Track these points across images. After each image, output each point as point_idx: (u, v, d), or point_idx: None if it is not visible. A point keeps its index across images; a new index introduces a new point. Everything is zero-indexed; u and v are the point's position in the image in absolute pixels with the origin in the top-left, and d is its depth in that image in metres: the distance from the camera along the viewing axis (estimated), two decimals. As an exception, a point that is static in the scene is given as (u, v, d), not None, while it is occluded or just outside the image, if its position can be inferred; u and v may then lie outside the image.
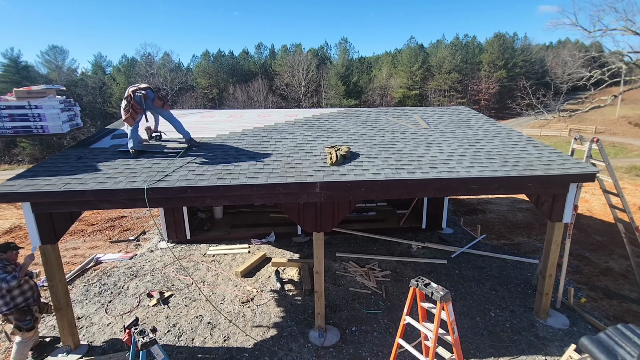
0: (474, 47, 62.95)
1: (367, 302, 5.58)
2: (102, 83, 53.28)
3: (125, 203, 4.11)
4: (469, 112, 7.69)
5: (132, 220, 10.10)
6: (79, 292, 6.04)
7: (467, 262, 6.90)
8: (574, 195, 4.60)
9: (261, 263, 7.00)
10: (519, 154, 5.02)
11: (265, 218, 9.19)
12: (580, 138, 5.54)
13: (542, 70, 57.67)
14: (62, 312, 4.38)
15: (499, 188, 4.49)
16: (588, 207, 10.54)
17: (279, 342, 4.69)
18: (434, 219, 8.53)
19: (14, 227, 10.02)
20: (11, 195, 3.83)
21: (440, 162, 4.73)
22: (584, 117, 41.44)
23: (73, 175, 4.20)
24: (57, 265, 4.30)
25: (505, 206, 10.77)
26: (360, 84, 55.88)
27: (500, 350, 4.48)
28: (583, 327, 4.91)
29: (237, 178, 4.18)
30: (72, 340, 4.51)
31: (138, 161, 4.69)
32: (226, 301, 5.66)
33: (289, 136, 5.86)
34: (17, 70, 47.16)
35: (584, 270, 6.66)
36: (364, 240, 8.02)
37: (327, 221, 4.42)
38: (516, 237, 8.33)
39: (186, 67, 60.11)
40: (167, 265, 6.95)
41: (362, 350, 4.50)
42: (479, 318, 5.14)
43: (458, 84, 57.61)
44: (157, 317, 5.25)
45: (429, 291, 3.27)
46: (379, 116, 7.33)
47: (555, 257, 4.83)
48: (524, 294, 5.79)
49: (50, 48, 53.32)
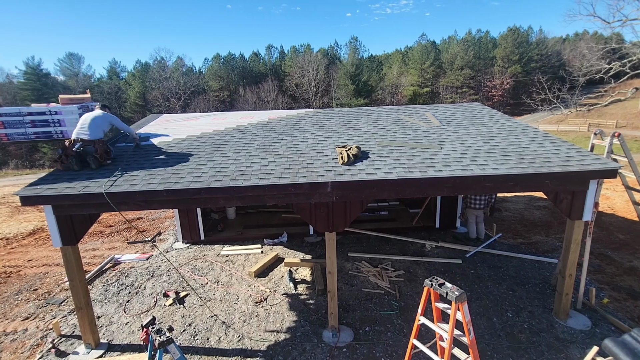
0: (487, 42, 61.67)
1: (381, 302, 5.54)
2: (118, 88, 54.76)
3: (141, 205, 4.21)
4: (483, 109, 7.55)
5: (147, 221, 10.33)
6: (98, 291, 6.22)
7: (483, 262, 6.76)
8: (594, 192, 4.45)
9: (274, 263, 7.04)
10: (536, 151, 4.89)
11: (277, 218, 9.25)
12: (601, 133, 5.35)
13: (558, 63, 55.99)
14: (83, 311, 4.52)
15: (515, 186, 4.38)
16: (610, 204, 10.17)
17: (293, 341, 4.71)
18: (448, 218, 8.40)
19: (37, 229, 10.40)
20: (34, 198, 3.97)
21: (454, 160, 4.66)
22: (604, 111, 40.00)
23: (91, 178, 4.33)
24: (77, 266, 4.43)
25: (522, 204, 10.51)
26: (370, 83, 55.61)
27: (519, 352, 4.37)
28: (606, 329, 4.74)
29: (249, 179, 4.22)
30: (93, 338, 4.65)
31: (153, 163, 4.79)
32: (240, 301, 5.72)
33: (299, 136, 5.88)
34: (38, 77, 48.97)
35: (606, 270, 6.43)
36: (377, 240, 7.97)
37: (339, 221, 4.41)
38: (533, 235, 8.12)
39: (198, 70, 61.13)
40: (182, 266, 7.07)
41: (376, 351, 4.47)
42: (495, 319, 5.03)
43: (471, 80, 56.56)
44: (173, 317, 5.35)
45: (444, 291, 3.22)
46: (390, 114, 7.27)
47: (575, 256, 4.69)
48: (542, 294, 5.63)
49: (67, 55, 55.15)
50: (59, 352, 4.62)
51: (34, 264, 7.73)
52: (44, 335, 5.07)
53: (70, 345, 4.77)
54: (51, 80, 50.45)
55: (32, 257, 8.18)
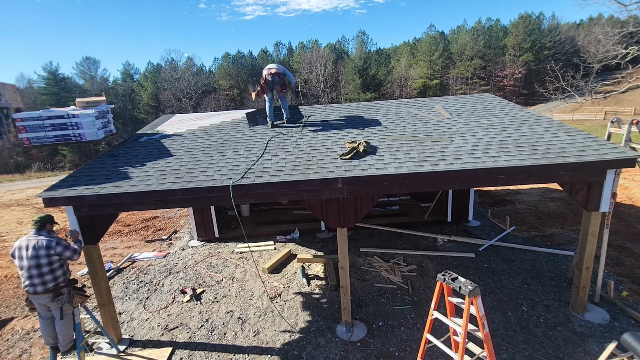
0: (498, 30, 60.15)
1: (393, 297, 5.56)
2: (131, 90, 55.79)
3: (156, 204, 4.33)
4: (494, 99, 7.41)
5: (164, 220, 10.57)
6: (119, 289, 6.43)
7: (496, 255, 6.69)
8: (612, 183, 4.34)
9: (287, 259, 7.13)
10: (550, 141, 4.79)
11: (289, 215, 9.34)
12: (618, 120, 5.19)
13: (572, 50, 54.17)
14: (105, 307, 4.69)
15: (529, 177, 4.31)
16: (628, 195, 9.88)
17: (307, 336, 4.78)
18: (460, 212, 8.33)
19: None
20: (56, 200, 4.13)
21: (465, 152, 4.61)
22: (621, 98, 38.58)
23: (109, 179, 4.47)
24: (99, 264, 4.60)
25: (536, 196, 10.31)
26: (378, 77, 55.06)
27: (534, 346, 4.33)
28: (625, 323, 4.65)
29: (260, 177, 4.29)
30: (115, 334, 4.83)
31: (167, 163, 4.91)
32: (255, 297, 5.83)
33: (309, 132, 5.91)
34: (56, 82, 50.30)
35: (625, 262, 6.28)
36: (388, 234, 7.97)
37: (350, 216, 4.44)
38: (548, 228, 7.97)
39: (208, 69, 61.68)
40: (198, 263, 7.24)
41: (390, 345, 4.50)
42: (510, 313, 4.99)
43: (481, 70, 55.37)
44: (191, 313, 5.50)
45: (457, 285, 3.22)
46: (399, 108, 7.22)
47: (592, 248, 4.60)
48: (558, 287, 5.55)
49: (84, 59, 56.42)
50: (84, 347, 4.81)
51: (56, 263, 8.02)
52: (69, 331, 5.28)
53: (94, 341, 4.96)
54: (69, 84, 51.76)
55: (54, 256, 8.49)
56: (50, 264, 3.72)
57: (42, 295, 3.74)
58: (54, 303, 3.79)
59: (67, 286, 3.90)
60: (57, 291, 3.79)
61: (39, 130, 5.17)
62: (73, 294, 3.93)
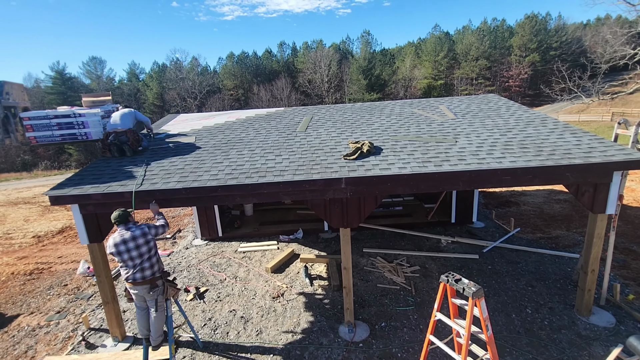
0: (504, 30, 59.66)
1: (396, 298, 5.55)
2: (137, 90, 56.17)
3: (161, 203, 4.35)
4: (499, 100, 7.37)
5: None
6: (123, 287, 6.47)
7: (500, 257, 6.65)
8: (618, 185, 4.29)
9: (290, 259, 7.15)
10: (555, 142, 4.75)
11: (292, 215, 9.35)
12: (625, 122, 5.13)
13: (579, 50, 53.62)
14: (110, 305, 4.74)
15: (534, 179, 4.28)
16: (635, 197, 9.77)
17: (310, 336, 4.78)
18: (464, 213, 8.29)
19: (65, 227, 10.90)
20: (62, 198, 4.18)
21: (469, 153, 4.59)
22: (629, 99, 38.14)
23: (114, 178, 4.51)
24: (103, 263, 4.64)
25: (541, 198, 10.23)
26: (383, 77, 54.86)
27: (539, 349, 4.30)
28: (631, 326, 4.59)
29: (264, 176, 4.30)
30: (119, 332, 4.87)
31: (171, 162, 4.94)
32: (258, 296, 5.85)
33: (313, 133, 5.92)
34: (63, 81, 50.79)
35: (631, 265, 6.21)
36: (391, 235, 7.95)
37: (354, 217, 4.43)
38: (553, 230, 7.90)
39: (212, 69, 61.93)
40: (201, 262, 7.27)
41: (393, 346, 4.49)
42: (514, 315, 4.96)
43: (486, 71, 54.96)
44: (194, 312, 5.53)
45: (460, 287, 3.21)
46: (403, 108, 7.20)
47: (598, 251, 4.55)
48: (563, 290, 5.50)
49: (91, 59, 56.92)
50: (88, 344, 4.86)
51: (63, 261, 8.12)
52: (74, 328, 5.34)
53: (98, 338, 5.01)
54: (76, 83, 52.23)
55: (61, 254, 8.59)
56: (149, 250, 3.86)
57: (140, 285, 3.85)
58: (150, 295, 3.90)
59: (161, 277, 4.01)
60: (153, 282, 3.90)
61: (46, 129, 5.23)
62: (167, 286, 4.04)
